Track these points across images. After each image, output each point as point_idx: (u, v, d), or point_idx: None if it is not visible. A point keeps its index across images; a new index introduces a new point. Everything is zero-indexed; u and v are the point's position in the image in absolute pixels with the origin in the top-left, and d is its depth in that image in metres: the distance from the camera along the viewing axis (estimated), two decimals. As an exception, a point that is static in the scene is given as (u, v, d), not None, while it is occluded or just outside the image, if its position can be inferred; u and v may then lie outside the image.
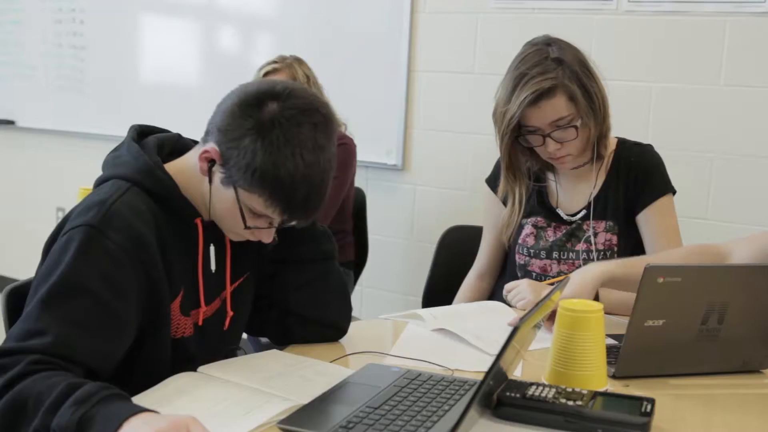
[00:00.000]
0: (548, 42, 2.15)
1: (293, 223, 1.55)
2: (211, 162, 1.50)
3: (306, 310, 1.75)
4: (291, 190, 1.45)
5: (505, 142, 2.16)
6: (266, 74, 3.23)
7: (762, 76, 3.04)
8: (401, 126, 3.78)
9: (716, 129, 3.13)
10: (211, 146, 1.49)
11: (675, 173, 2.28)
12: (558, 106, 2.08)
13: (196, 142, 1.61)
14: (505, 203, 2.33)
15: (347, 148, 3.28)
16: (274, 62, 3.27)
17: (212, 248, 1.62)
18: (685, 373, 1.65)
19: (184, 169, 1.57)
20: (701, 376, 1.66)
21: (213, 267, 1.62)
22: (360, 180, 3.73)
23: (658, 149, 2.29)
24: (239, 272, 1.70)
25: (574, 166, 2.22)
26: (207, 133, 1.53)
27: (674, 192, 2.25)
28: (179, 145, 1.64)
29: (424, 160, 3.79)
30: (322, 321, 1.77)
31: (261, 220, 1.52)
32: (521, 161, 2.24)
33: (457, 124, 3.67)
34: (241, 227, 1.52)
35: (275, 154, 1.43)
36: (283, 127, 1.44)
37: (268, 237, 1.57)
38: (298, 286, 1.75)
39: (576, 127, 2.10)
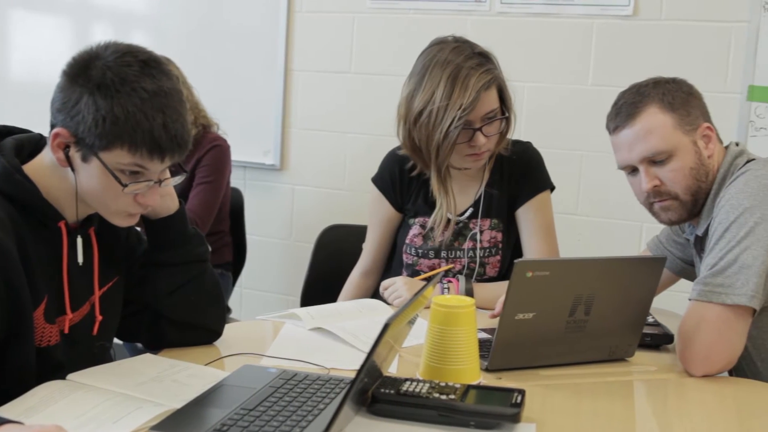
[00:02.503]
0: (462, 39, 2.17)
1: (168, 172, 1.52)
2: (66, 148, 1.46)
3: (179, 314, 1.71)
4: (147, 123, 1.41)
5: (449, 138, 2.09)
6: None
7: (627, 77, 3.15)
8: (279, 126, 3.76)
9: (585, 127, 3.24)
10: (58, 129, 1.45)
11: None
12: (492, 99, 2.11)
13: None
14: (395, 205, 2.33)
15: (221, 149, 3.24)
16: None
17: (79, 252, 1.57)
18: (555, 364, 1.70)
19: (42, 168, 1.51)
20: (570, 366, 1.71)
21: (79, 270, 1.57)
22: (237, 180, 3.70)
23: (529, 147, 2.36)
24: (107, 277, 1.65)
25: (484, 162, 2.24)
26: (51, 126, 1.48)
27: (553, 188, 2.32)
28: (41, 146, 1.57)
29: (302, 160, 3.78)
30: (195, 324, 1.74)
31: (137, 180, 1.47)
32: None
33: (335, 123, 3.68)
34: (120, 196, 1.47)
35: (116, 96, 1.40)
36: (113, 71, 1.42)
37: (152, 197, 1.51)
38: (171, 290, 1.71)
39: (505, 119, 2.15)
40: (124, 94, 1.41)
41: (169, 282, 1.71)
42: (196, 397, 1.41)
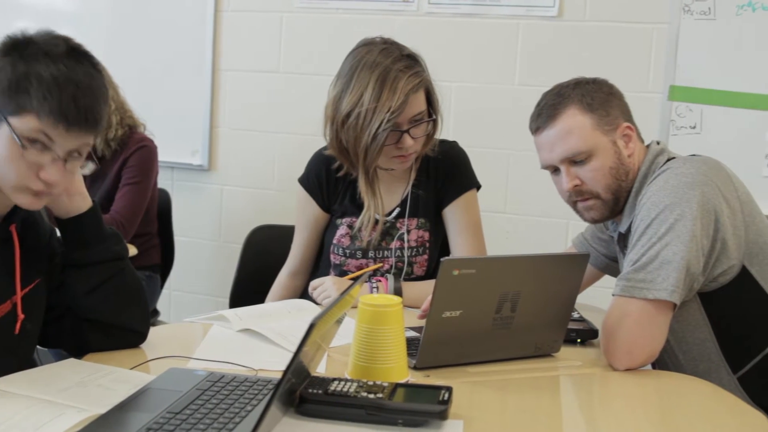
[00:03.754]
0: (390, 41, 2.16)
1: (75, 149, 1.50)
2: None
3: (99, 315, 1.68)
4: (57, 92, 1.42)
5: (377, 140, 2.09)
6: None
7: (553, 76, 3.19)
8: (207, 126, 3.73)
9: (512, 127, 3.27)
10: None
11: (474, 169, 2.36)
12: (420, 101, 2.12)
13: None
14: (322, 206, 2.32)
15: (148, 149, 3.19)
16: (64, 61, 3.13)
17: None
18: (482, 361, 1.72)
19: None
20: (498, 362, 1.73)
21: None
22: (165, 181, 3.65)
23: (457, 147, 2.37)
24: (29, 278, 1.61)
25: (411, 163, 2.24)
26: None
27: (479, 187, 2.34)
28: None
29: (230, 160, 3.75)
30: (117, 325, 1.70)
31: (42, 155, 1.46)
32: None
33: (264, 123, 3.66)
34: (21, 165, 1.45)
35: (35, 63, 1.43)
36: (39, 45, 1.45)
37: (55, 173, 1.48)
38: (89, 289, 1.67)
39: (433, 121, 2.16)
40: (43, 64, 1.43)
41: (86, 282, 1.67)
42: (120, 402, 1.38)
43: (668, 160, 1.89)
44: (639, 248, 1.75)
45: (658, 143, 1.96)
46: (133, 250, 3.06)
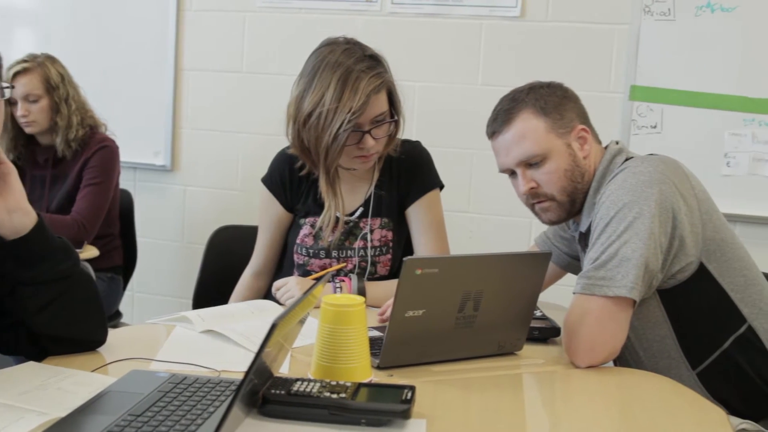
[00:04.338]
0: (353, 41, 2.16)
1: None
2: None
3: (54, 330, 1.62)
4: None
5: (338, 140, 2.09)
6: (16, 74, 3.07)
7: (516, 76, 3.22)
8: (169, 126, 3.70)
9: (475, 126, 3.26)
10: None
11: (438, 169, 2.37)
12: (382, 102, 2.11)
13: None
14: (285, 206, 2.32)
15: (109, 149, 3.17)
16: (24, 61, 3.11)
17: None
18: (445, 360, 1.72)
19: None
20: (461, 361, 1.74)
21: None
22: (127, 182, 3.63)
23: (420, 147, 2.38)
24: None
25: (373, 163, 2.24)
26: None
27: (442, 186, 2.34)
28: None
29: (193, 161, 3.73)
30: (73, 337, 1.65)
31: None
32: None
33: (226, 123, 3.65)
34: None
35: None
36: None
37: None
38: (38, 307, 1.60)
39: (394, 122, 2.16)
40: None
41: (35, 300, 1.60)
42: (81, 405, 1.37)
43: (627, 159, 1.91)
44: (598, 246, 1.76)
45: (617, 143, 1.98)
46: (94, 252, 3.03)
